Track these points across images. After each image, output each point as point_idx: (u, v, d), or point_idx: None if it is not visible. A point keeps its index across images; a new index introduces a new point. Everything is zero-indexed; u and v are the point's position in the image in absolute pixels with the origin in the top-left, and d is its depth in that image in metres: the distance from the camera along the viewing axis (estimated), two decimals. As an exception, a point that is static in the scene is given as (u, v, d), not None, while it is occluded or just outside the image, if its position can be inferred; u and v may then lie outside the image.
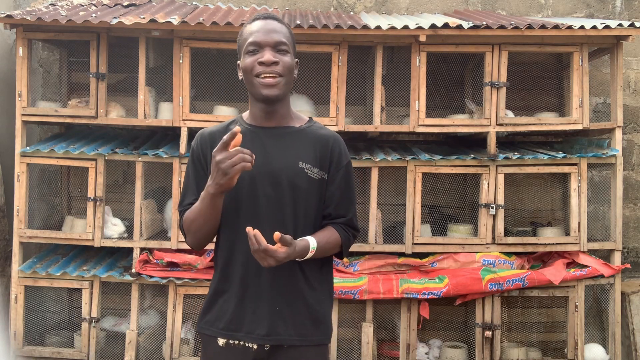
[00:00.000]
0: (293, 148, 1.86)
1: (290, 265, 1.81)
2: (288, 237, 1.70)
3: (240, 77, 1.90)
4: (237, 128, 1.69)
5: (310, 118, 1.98)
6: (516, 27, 3.52)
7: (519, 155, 3.69)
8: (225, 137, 1.67)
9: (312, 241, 1.79)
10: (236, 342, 1.84)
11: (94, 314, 3.64)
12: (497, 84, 3.66)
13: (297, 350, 1.84)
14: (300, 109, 3.83)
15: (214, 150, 1.68)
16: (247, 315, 1.84)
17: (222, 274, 1.88)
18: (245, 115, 1.95)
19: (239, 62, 1.90)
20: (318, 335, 1.88)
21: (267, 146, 1.85)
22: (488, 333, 3.62)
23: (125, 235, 3.76)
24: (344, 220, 1.91)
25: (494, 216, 3.66)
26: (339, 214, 1.90)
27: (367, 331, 3.61)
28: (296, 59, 1.90)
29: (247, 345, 1.83)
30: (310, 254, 1.79)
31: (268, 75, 1.79)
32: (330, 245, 1.86)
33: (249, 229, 1.67)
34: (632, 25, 3.58)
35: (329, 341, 1.93)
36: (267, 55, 1.79)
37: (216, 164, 1.67)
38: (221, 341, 1.86)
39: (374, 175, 3.68)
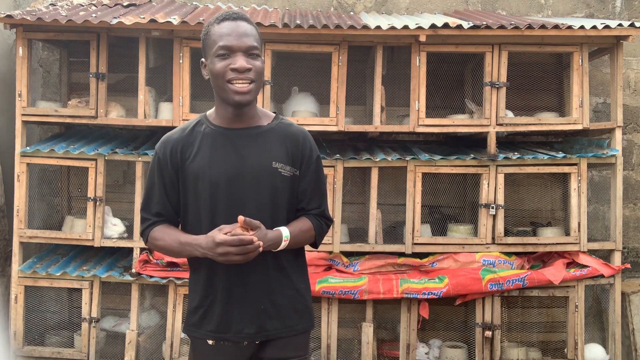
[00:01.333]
0: (265, 148, 1.87)
1: (270, 263, 1.87)
2: (254, 221, 1.74)
3: (205, 77, 1.89)
4: (240, 218, 1.73)
5: (276, 113, 1.98)
6: (516, 27, 3.52)
7: (519, 155, 3.69)
8: (235, 239, 1.70)
9: (284, 230, 1.83)
10: (226, 342, 1.89)
11: (94, 314, 3.64)
12: (497, 84, 3.66)
13: (284, 340, 1.91)
14: (306, 108, 3.84)
15: (221, 236, 1.71)
16: (234, 317, 1.88)
17: (206, 280, 1.89)
18: (211, 114, 1.92)
19: (203, 60, 1.88)
20: (303, 324, 1.95)
21: (239, 148, 1.85)
22: (488, 333, 3.62)
23: (125, 235, 3.76)
24: (317, 211, 1.96)
25: (494, 216, 3.66)
26: (312, 206, 1.95)
27: (367, 331, 3.61)
28: (264, 60, 1.89)
29: (237, 342, 1.89)
30: (284, 243, 1.83)
31: (241, 81, 1.78)
32: (304, 234, 1.91)
33: (240, 218, 1.72)
34: (632, 25, 3.58)
35: (312, 327, 2.01)
36: (241, 62, 1.77)
37: (217, 246, 1.71)
38: (211, 341, 1.91)
39: (374, 175, 3.68)
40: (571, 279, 3.63)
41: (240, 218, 1.72)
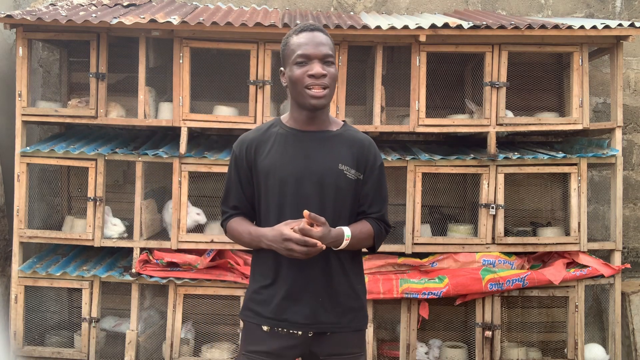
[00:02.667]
0: (333, 151, 2.00)
1: (332, 261, 1.97)
2: (319, 217, 1.84)
3: (284, 84, 2.02)
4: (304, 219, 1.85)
5: (344, 122, 2.13)
6: (516, 27, 3.52)
7: (519, 155, 3.69)
8: (301, 239, 1.83)
9: (346, 230, 1.94)
10: (280, 329, 1.98)
11: (94, 314, 3.64)
12: (497, 84, 3.66)
13: (339, 336, 2.00)
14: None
15: (288, 231, 1.85)
16: (290, 307, 1.98)
17: (267, 267, 2.01)
18: (285, 118, 2.07)
19: (282, 69, 2.02)
20: (357, 322, 2.04)
21: (310, 149, 1.99)
22: (488, 333, 3.62)
23: (125, 235, 3.76)
24: (377, 215, 2.05)
25: (494, 216, 3.66)
26: (372, 210, 2.05)
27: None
28: (337, 68, 2.06)
29: (291, 331, 1.98)
30: (345, 242, 1.92)
31: (317, 86, 1.92)
32: (363, 235, 2.00)
33: (306, 212, 1.83)
34: (632, 25, 3.58)
35: (366, 326, 2.10)
36: (317, 68, 1.91)
37: (283, 241, 1.85)
38: (266, 327, 2.00)
39: (374, 175, 3.67)
40: (571, 279, 3.63)
41: (306, 212, 1.83)
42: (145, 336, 3.76)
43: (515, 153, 3.74)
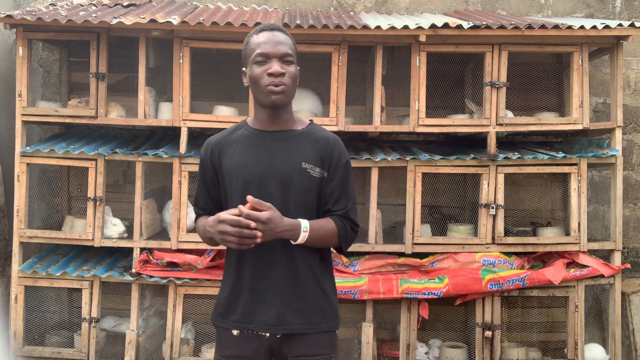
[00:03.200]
0: (296, 150, 1.99)
1: (297, 260, 1.95)
2: (264, 202, 1.82)
3: (245, 84, 2.02)
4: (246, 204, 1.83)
5: (311, 121, 2.11)
6: (516, 27, 3.52)
7: (519, 155, 3.69)
8: (234, 219, 1.81)
9: (304, 222, 1.90)
10: (249, 332, 1.97)
11: (94, 314, 3.64)
12: (497, 84, 3.66)
13: (308, 337, 1.97)
14: (309, 108, 3.84)
15: (224, 213, 1.83)
16: (258, 308, 1.96)
17: (234, 271, 2.01)
18: (250, 120, 2.09)
19: (244, 69, 2.02)
20: (327, 323, 2.01)
21: (273, 149, 1.99)
22: (488, 333, 3.62)
23: (125, 235, 3.76)
24: (342, 212, 2.01)
25: (494, 216, 3.66)
26: (337, 207, 2.01)
27: (367, 331, 3.61)
28: (298, 67, 2.02)
29: (260, 333, 1.97)
30: (303, 234, 1.89)
31: (276, 85, 1.92)
32: (325, 231, 1.96)
33: (249, 197, 1.80)
34: (632, 25, 3.58)
35: (337, 328, 2.06)
36: (275, 67, 1.91)
37: (217, 223, 1.84)
38: (235, 331, 1.99)
39: (374, 175, 3.68)
40: (571, 279, 3.63)
41: (249, 197, 1.80)
42: (145, 336, 3.76)
43: (515, 153, 3.74)
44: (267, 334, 1.96)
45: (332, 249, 2.09)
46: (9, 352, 3.69)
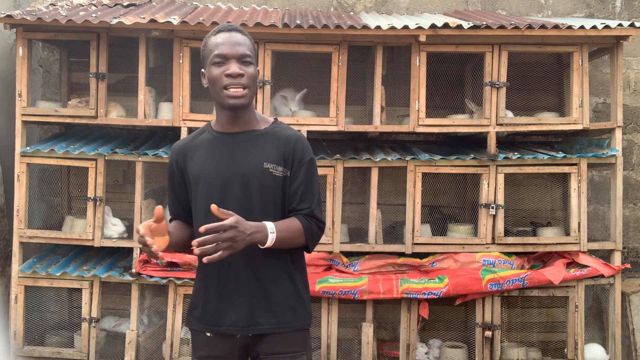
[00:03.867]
0: (257, 150, 1.97)
1: (266, 260, 1.94)
2: (227, 211, 1.79)
3: (205, 85, 2.01)
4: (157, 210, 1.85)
5: (276, 119, 2.09)
6: (516, 27, 3.52)
7: (519, 155, 3.69)
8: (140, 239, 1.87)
9: (269, 224, 1.87)
10: (220, 334, 1.98)
11: (94, 314, 3.64)
12: (497, 84, 3.66)
13: (279, 336, 1.97)
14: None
15: (140, 225, 1.88)
16: (228, 309, 1.97)
17: (203, 273, 2.03)
18: (213, 122, 2.08)
19: (203, 70, 2.02)
20: (298, 321, 2.00)
21: (234, 151, 1.98)
22: (488, 333, 3.62)
23: (125, 235, 3.76)
24: (307, 211, 1.98)
25: (494, 216, 3.66)
26: (302, 207, 1.98)
27: (367, 331, 3.61)
28: (258, 68, 2.01)
29: (231, 334, 1.98)
30: (271, 236, 1.86)
31: (234, 86, 1.91)
32: (291, 232, 1.92)
33: (213, 207, 1.75)
34: (632, 25, 3.58)
35: (308, 326, 2.06)
36: (234, 68, 1.90)
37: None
38: (208, 333, 2.01)
39: (374, 175, 3.68)
40: (571, 279, 3.63)
41: (213, 207, 1.76)
42: (145, 336, 3.76)
43: (515, 153, 3.74)
44: (238, 335, 1.96)
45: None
46: (9, 352, 3.69)
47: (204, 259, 1.74)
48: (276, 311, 1.97)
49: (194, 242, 1.74)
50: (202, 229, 1.74)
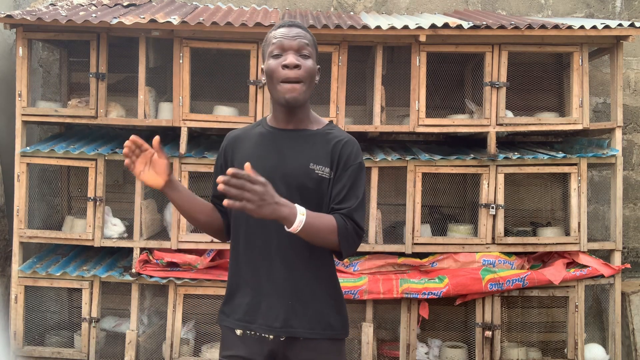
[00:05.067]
0: (306, 150, 1.92)
1: (302, 262, 1.89)
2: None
3: (263, 82, 1.97)
4: (155, 139, 1.84)
5: (331, 121, 2.04)
6: (516, 27, 3.52)
7: (519, 155, 3.69)
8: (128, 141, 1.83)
9: (299, 207, 1.74)
10: (252, 332, 1.91)
11: (94, 314, 3.64)
12: (497, 84, 3.66)
13: (312, 343, 1.90)
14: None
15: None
16: (261, 308, 1.90)
17: (237, 270, 1.97)
18: (269, 117, 2.03)
19: (262, 66, 1.98)
20: (333, 330, 1.94)
21: (283, 148, 1.93)
22: (488, 333, 3.62)
23: (125, 235, 3.76)
24: (345, 210, 1.86)
25: (494, 216, 3.66)
26: (341, 206, 1.87)
27: (367, 331, 3.61)
28: (318, 66, 1.97)
29: (263, 335, 1.90)
30: (300, 217, 1.71)
31: (291, 79, 1.86)
32: (322, 224, 1.79)
33: (247, 165, 1.65)
34: (632, 25, 3.58)
35: (345, 335, 1.99)
36: (290, 58, 1.86)
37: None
38: (238, 331, 1.93)
39: (374, 175, 3.68)
40: (571, 279, 3.63)
41: (247, 165, 1.65)
42: (145, 336, 3.76)
43: (515, 153, 3.74)
44: (271, 336, 1.88)
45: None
46: (9, 352, 3.69)
47: (224, 202, 1.62)
48: (311, 316, 1.90)
49: (220, 178, 1.61)
50: (230, 170, 1.61)
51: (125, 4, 4.11)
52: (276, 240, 1.86)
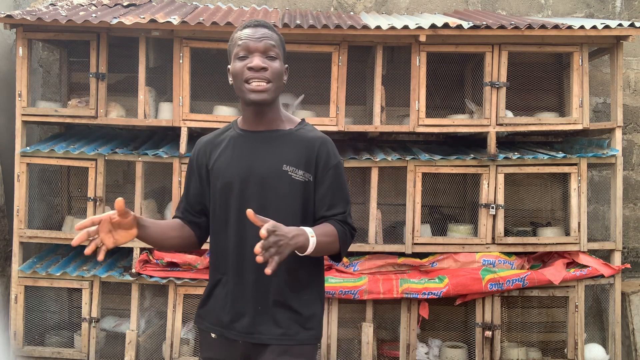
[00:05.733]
0: (278, 151, 1.88)
1: (279, 266, 1.74)
2: (263, 217, 1.65)
3: (230, 82, 1.94)
4: (118, 201, 1.75)
5: (303, 120, 2.00)
6: (516, 27, 3.52)
7: (519, 155, 3.69)
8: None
9: (307, 228, 1.74)
10: (224, 336, 1.91)
11: (94, 314, 3.64)
12: (497, 84, 3.66)
13: (281, 348, 1.85)
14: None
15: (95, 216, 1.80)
16: (232, 313, 1.89)
17: (212, 273, 1.97)
18: (239, 120, 2.00)
19: (229, 66, 1.95)
20: (303, 334, 1.88)
21: (255, 150, 1.90)
22: (488, 333, 3.62)
23: (125, 235, 3.75)
24: (340, 217, 1.88)
25: (494, 216, 3.66)
26: (334, 212, 1.87)
27: (367, 331, 3.61)
28: (286, 65, 1.94)
29: (233, 339, 1.89)
30: (312, 240, 1.72)
31: (256, 80, 1.83)
32: (328, 237, 1.80)
33: (249, 212, 1.62)
34: (632, 25, 3.58)
35: (316, 341, 1.93)
36: (256, 61, 1.83)
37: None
38: (213, 335, 1.93)
39: (374, 175, 3.68)
40: (571, 279, 3.63)
41: (249, 212, 1.63)
42: (145, 336, 3.76)
43: (515, 153, 3.74)
44: (240, 341, 1.87)
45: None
46: (9, 352, 3.69)
47: (267, 270, 1.60)
48: (280, 321, 1.85)
49: (257, 248, 1.58)
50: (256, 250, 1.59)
51: (125, 4, 4.11)
52: (250, 245, 1.76)
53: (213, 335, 1.93)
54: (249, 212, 1.63)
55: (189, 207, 2.00)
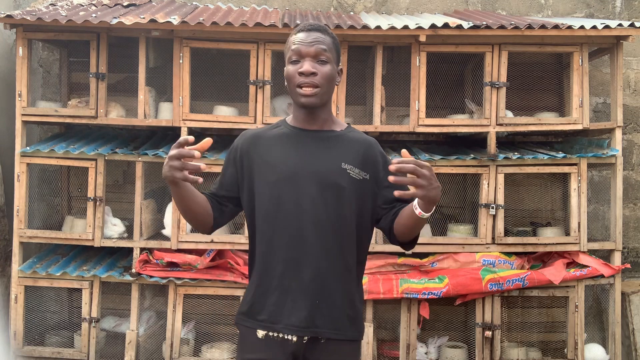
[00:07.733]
0: (335, 150, 1.95)
1: (329, 261, 1.89)
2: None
3: (286, 84, 1.99)
4: (206, 140, 1.76)
5: (349, 124, 2.07)
6: (516, 27, 3.52)
7: (519, 155, 3.69)
8: (181, 139, 1.73)
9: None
10: (275, 334, 1.89)
11: (94, 314, 3.64)
12: (497, 84, 3.66)
13: (333, 344, 1.90)
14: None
15: (173, 144, 1.74)
16: (286, 308, 1.88)
17: (262, 269, 1.93)
18: (289, 118, 2.04)
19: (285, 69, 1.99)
20: (353, 331, 1.94)
21: (312, 148, 1.95)
22: (488, 333, 3.62)
23: (125, 235, 3.76)
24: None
25: (494, 216, 3.66)
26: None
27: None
28: (340, 67, 1.99)
29: (286, 337, 1.88)
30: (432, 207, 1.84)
31: (306, 85, 1.89)
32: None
33: (404, 151, 1.74)
34: (632, 25, 3.58)
35: (362, 338, 2.00)
36: (306, 66, 1.88)
37: (167, 158, 1.74)
38: (260, 333, 1.90)
39: (374, 175, 3.67)
40: (571, 279, 3.63)
41: (404, 152, 1.74)
42: (145, 336, 3.76)
43: (515, 153, 3.74)
44: (294, 338, 1.87)
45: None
46: (9, 352, 3.69)
47: (396, 193, 1.71)
48: (334, 317, 1.89)
49: (394, 161, 1.68)
50: (394, 161, 1.69)
51: (125, 4, 4.11)
52: (306, 240, 1.86)
53: (260, 334, 1.90)
54: (404, 151, 1.74)
55: (221, 190, 2.01)
